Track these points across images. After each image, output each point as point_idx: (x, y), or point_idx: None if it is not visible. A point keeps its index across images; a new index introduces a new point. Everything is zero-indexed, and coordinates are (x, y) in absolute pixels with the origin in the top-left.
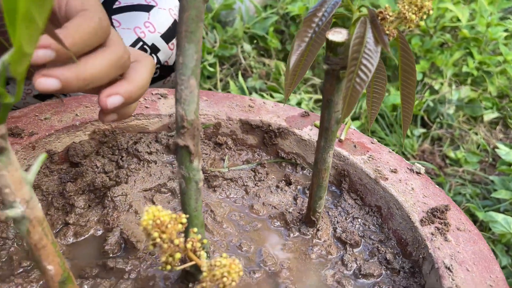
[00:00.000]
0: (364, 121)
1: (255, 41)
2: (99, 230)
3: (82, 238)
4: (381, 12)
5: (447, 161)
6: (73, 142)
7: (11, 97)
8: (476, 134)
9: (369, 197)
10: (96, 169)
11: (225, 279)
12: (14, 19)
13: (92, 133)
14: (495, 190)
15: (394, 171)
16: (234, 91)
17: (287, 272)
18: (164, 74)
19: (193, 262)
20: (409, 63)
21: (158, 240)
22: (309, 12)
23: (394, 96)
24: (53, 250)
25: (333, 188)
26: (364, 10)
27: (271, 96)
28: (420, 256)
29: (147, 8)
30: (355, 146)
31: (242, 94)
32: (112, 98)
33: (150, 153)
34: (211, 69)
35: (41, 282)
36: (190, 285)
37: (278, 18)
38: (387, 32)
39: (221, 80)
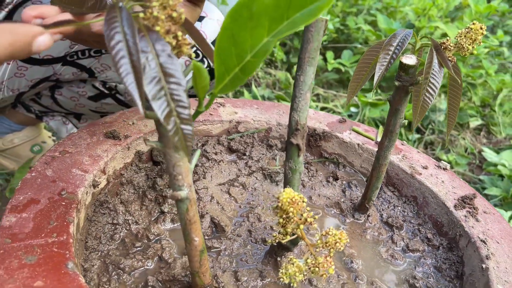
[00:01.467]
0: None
1: None
2: None
3: (178, 223)
4: (443, 43)
5: None
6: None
7: (202, 107)
8: (464, 139)
9: (405, 189)
10: None
11: (337, 244)
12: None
13: None
14: (483, 188)
15: (425, 168)
16: (248, 98)
17: (349, 249)
18: (211, 76)
19: (295, 236)
20: (458, 80)
21: (291, 214)
22: (385, 42)
23: None
24: (199, 226)
25: None
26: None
27: None
28: (457, 234)
29: (200, 18)
30: None
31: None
32: None
33: (216, 153)
34: None
35: (155, 258)
36: (278, 258)
37: None
38: (449, 58)
39: None
